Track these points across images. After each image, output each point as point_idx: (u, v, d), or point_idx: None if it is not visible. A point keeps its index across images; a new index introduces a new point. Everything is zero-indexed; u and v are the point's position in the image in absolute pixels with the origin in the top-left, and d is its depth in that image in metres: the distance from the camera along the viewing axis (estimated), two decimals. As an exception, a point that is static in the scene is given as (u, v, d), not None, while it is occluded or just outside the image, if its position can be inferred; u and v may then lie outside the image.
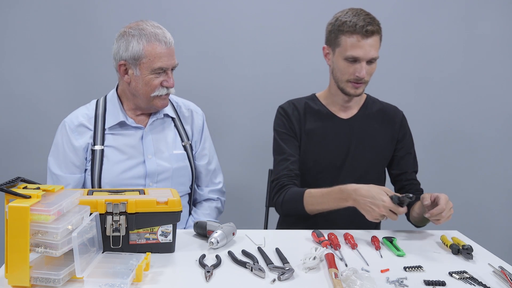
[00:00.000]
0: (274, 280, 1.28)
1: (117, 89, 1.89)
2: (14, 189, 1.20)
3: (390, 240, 1.59)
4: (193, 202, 2.00)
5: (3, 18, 2.61)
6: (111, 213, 1.39)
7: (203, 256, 1.41)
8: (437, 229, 1.75)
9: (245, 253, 1.45)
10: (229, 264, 1.39)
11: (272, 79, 2.78)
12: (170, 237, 1.44)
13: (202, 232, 1.58)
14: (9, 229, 1.15)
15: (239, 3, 2.71)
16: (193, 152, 1.96)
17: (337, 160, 1.90)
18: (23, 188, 1.23)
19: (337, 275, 1.28)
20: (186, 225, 1.91)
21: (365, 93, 1.98)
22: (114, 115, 1.84)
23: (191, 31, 2.68)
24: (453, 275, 1.36)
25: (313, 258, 1.38)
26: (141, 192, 1.51)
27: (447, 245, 1.57)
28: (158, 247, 1.43)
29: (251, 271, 1.33)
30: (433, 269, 1.40)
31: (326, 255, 1.41)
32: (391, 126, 1.95)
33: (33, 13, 2.61)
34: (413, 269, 1.39)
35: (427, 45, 2.81)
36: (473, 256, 1.50)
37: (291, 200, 1.80)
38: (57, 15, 2.63)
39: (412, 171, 1.95)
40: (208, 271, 1.30)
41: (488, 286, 1.30)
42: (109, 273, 1.23)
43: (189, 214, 1.97)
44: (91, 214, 1.32)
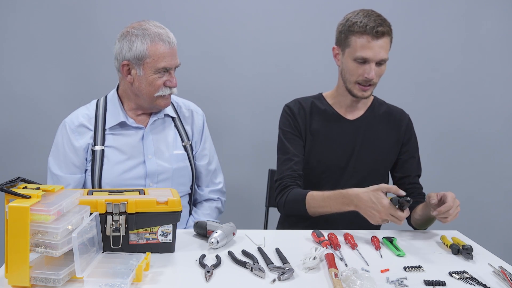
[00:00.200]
0: (274, 280, 1.28)
1: (117, 89, 1.89)
2: (14, 189, 1.20)
3: (390, 240, 1.59)
4: (193, 202, 2.00)
5: (3, 18, 2.61)
6: (111, 213, 1.39)
7: (203, 256, 1.41)
8: (437, 229, 1.75)
9: (245, 253, 1.45)
10: (229, 264, 1.39)
11: (272, 79, 2.78)
12: (170, 237, 1.44)
13: (202, 232, 1.58)
14: (9, 229, 1.15)
15: (239, 3, 2.71)
16: (193, 152, 1.96)
17: (341, 161, 1.89)
18: (23, 188, 1.23)
19: (337, 275, 1.28)
20: (186, 225, 1.91)
21: (372, 95, 1.97)
22: (114, 115, 1.84)
23: (192, 31, 2.68)
24: (453, 275, 1.36)
25: (313, 258, 1.38)
26: (141, 192, 1.51)
27: (447, 245, 1.57)
28: (158, 247, 1.43)
29: (251, 271, 1.33)
30: (433, 269, 1.40)
31: (326, 255, 1.41)
32: (396, 129, 1.94)
33: (33, 14, 2.62)
34: (413, 269, 1.39)
35: (427, 45, 2.81)
36: (473, 256, 1.50)
37: (294, 201, 1.80)
38: (57, 16, 2.63)
39: (415, 175, 1.94)
40: (208, 271, 1.30)
41: (488, 286, 1.30)
42: (109, 273, 1.23)
43: (189, 214, 1.97)
44: (91, 214, 1.32)
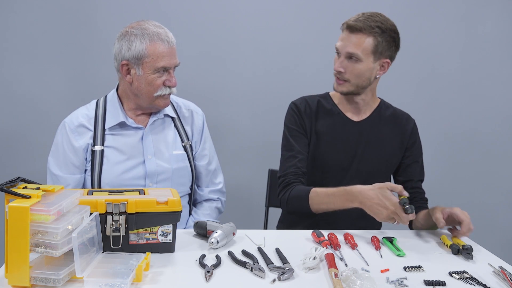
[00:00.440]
0: (274, 280, 1.28)
1: (117, 90, 1.89)
2: (14, 189, 1.20)
3: (390, 240, 1.59)
4: (193, 202, 2.00)
5: (3, 18, 2.61)
6: (111, 213, 1.38)
7: (203, 256, 1.41)
8: (437, 229, 1.75)
9: (245, 253, 1.45)
10: (229, 264, 1.39)
11: (272, 79, 2.78)
12: (170, 237, 1.44)
13: (202, 232, 1.58)
14: (9, 229, 1.15)
15: (239, 3, 2.71)
16: (193, 152, 1.96)
17: (344, 161, 1.89)
18: (23, 188, 1.23)
19: (337, 275, 1.28)
20: (186, 225, 1.91)
21: (379, 98, 1.97)
22: (114, 115, 1.84)
23: (192, 31, 2.68)
24: (453, 275, 1.36)
25: (313, 258, 1.38)
26: (141, 192, 1.50)
27: (447, 245, 1.57)
28: (158, 247, 1.43)
29: (251, 271, 1.33)
30: (433, 269, 1.40)
31: (326, 255, 1.41)
32: (401, 133, 1.93)
33: (33, 14, 2.62)
34: (413, 269, 1.39)
35: (427, 45, 2.81)
36: (473, 256, 1.50)
37: (297, 197, 1.78)
38: (57, 16, 2.63)
39: (417, 179, 1.93)
40: (208, 271, 1.30)
41: (488, 286, 1.31)
42: (109, 273, 1.23)
43: (189, 214, 1.97)
44: (91, 214, 1.32)
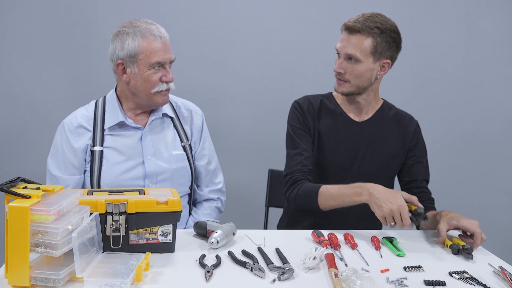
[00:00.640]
0: (274, 280, 1.28)
1: (116, 90, 1.89)
2: (14, 189, 1.20)
3: (390, 240, 1.59)
4: (193, 202, 2.00)
5: (3, 18, 2.61)
6: (111, 213, 1.38)
7: (203, 256, 1.41)
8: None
9: (245, 253, 1.45)
10: (229, 264, 1.39)
11: (272, 80, 2.78)
12: (170, 237, 1.44)
13: (202, 232, 1.58)
14: (9, 229, 1.15)
15: (239, 3, 2.71)
16: (193, 152, 1.96)
17: (345, 162, 1.88)
18: (23, 188, 1.23)
19: (337, 275, 1.28)
20: (186, 225, 1.91)
21: (382, 98, 1.97)
22: (113, 115, 1.84)
23: (192, 31, 2.69)
24: (453, 275, 1.36)
25: (313, 258, 1.38)
26: (141, 192, 1.50)
27: (447, 245, 1.57)
28: (158, 247, 1.43)
29: (251, 271, 1.33)
30: (433, 269, 1.40)
31: (326, 255, 1.41)
32: (404, 134, 1.92)
33: (33, 14, 2.62)
34: (413, 269, 1.39)
35: (427, 45, 2.81)
36: (473, 256, 1.50)
37: (305, 195, 1.76)
38: (57, 16, 2.63)
39: (422, 179, 1.91)
40: (208, 271, 1.30)
41: (488, 286, 1.31)
42: (109, 273, 1.23)
43: (189, 214, 1.97)
44: (91, 214, 1.32)
